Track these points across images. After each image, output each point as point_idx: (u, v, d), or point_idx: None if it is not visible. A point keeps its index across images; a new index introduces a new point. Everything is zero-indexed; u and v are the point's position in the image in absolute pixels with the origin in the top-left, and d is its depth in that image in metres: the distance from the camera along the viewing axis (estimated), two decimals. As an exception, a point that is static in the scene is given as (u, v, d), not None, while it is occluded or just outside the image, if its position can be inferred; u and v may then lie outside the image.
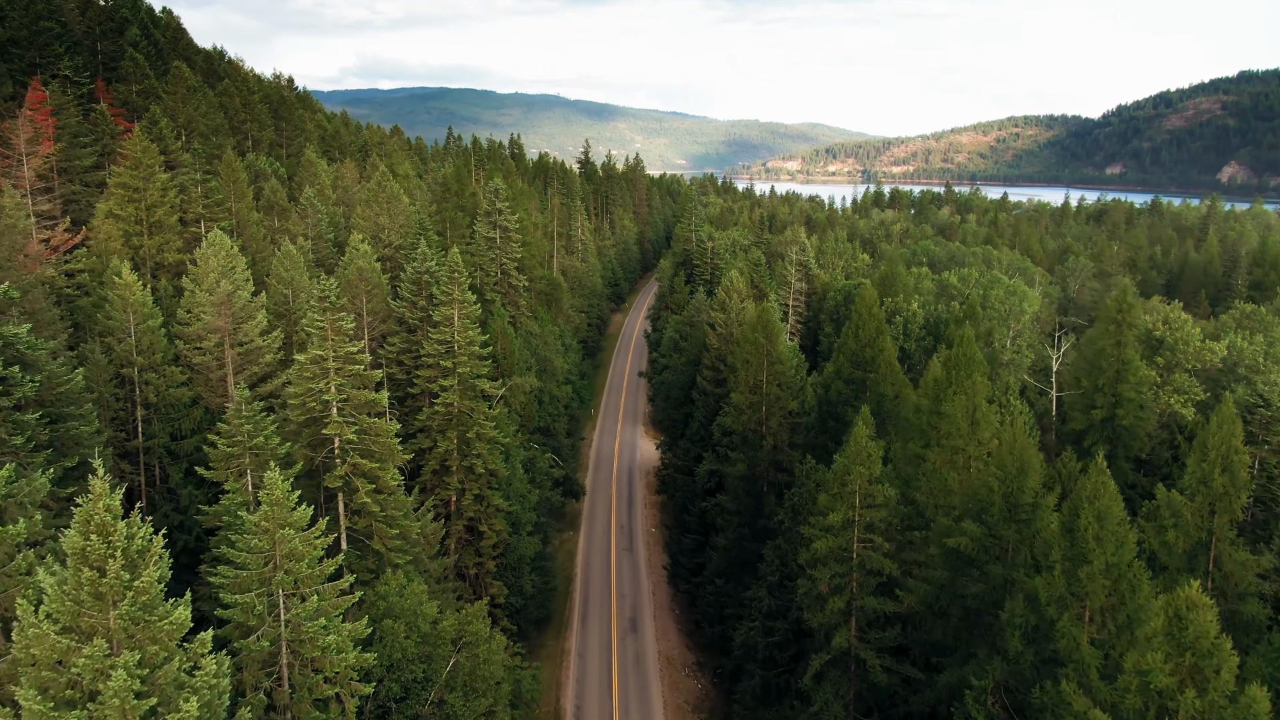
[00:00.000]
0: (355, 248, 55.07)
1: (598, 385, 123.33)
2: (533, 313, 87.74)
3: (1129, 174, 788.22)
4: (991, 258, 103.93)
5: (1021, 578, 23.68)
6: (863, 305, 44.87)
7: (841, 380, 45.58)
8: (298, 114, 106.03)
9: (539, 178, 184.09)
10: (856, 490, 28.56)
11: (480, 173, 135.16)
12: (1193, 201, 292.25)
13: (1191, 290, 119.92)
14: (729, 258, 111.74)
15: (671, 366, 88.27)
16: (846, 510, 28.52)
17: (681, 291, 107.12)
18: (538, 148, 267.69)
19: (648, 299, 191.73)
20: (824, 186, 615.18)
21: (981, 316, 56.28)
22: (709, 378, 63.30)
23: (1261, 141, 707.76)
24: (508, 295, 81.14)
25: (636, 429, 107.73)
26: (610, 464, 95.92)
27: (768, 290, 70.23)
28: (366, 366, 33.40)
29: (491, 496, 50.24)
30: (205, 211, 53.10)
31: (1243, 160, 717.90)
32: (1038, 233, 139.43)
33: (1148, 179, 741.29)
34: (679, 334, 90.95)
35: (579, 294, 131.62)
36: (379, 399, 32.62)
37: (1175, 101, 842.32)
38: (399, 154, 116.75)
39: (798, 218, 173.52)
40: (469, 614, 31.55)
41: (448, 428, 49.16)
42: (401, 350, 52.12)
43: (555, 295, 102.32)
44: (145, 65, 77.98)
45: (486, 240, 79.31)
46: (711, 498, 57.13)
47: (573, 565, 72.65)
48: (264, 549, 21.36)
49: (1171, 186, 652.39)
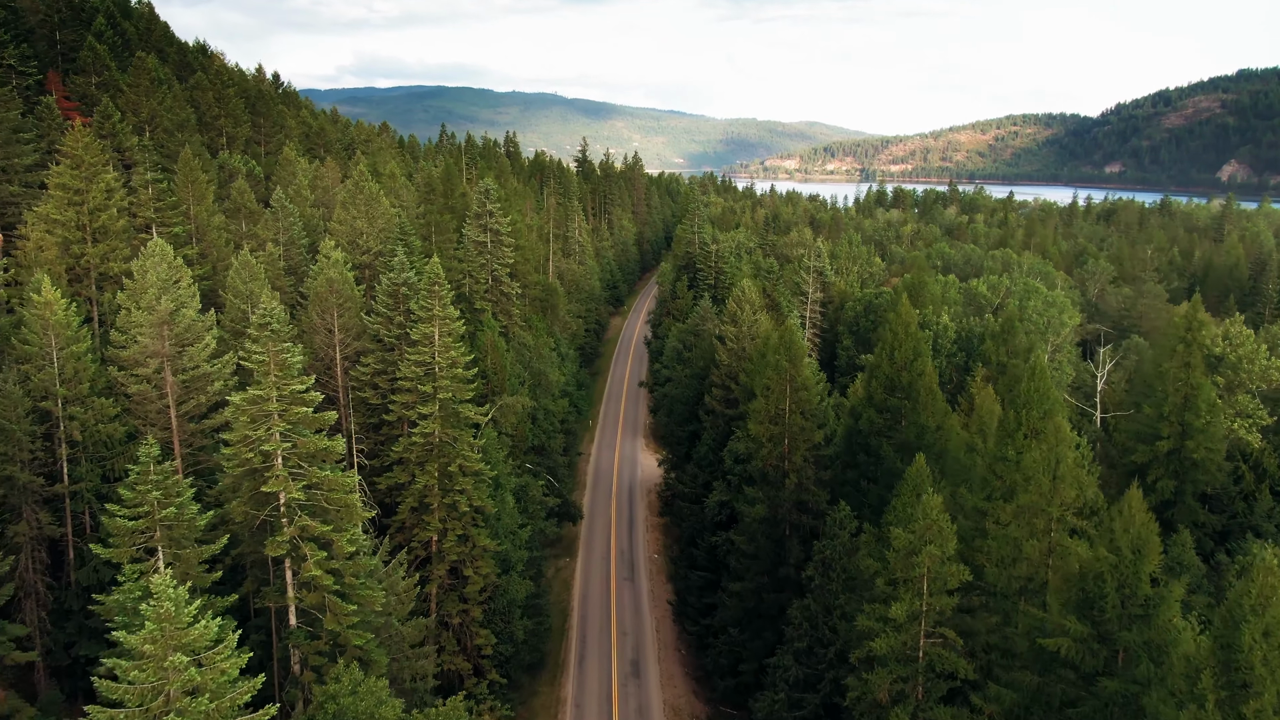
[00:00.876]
0: (326, 255, 49.33)
1: (596, 394, 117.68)
2: (526, 322, 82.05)
3: (1128, 173, 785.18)
4: (1011, 261, 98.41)
5: (1155, 705, 18.03)
6: (899, 323, 39.22)
7: (874, 408, 39.94)
8: (277, 109, 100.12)
9: (535, 177, 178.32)
10: (925, 574, 22.97)
11: (472, 172, 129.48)
12: (1199, 200, 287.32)
13: (1218, 295, 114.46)
14: (734, 261, 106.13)
15: (675, 379, 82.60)
16: (912, 599, 22.95)
17: (684, 297, 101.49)
18: (535, 146, 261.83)
19: (647, 301, 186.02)
20: (822, 185, 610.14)
21: (1019, 330, 50.75)
22: (719, 397, 57.68)
23: (1261, 140, 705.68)
24: (499, 304, 75.42)
25: (637, 442, 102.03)
26: (609, 481, 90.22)
27: (781, 300, 64.70)
28: (318, 406, 27.67)
29: (477, 536, 44.56)
30: (156, 216, 47.33)
31: (1242, 159, 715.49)
32: (1052, 234, 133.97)
33: (1147, 178, 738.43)
34: (683, 343, 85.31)
35: (576, 298, 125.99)
36: (332, 447, 26.94)
37: (1174, 100, 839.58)
38: (386, 152, 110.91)
39: (802, 218, 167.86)
40: (442, 715, 25.84)
41: (428, 460, 43.47)
42: (376, 372, 46.41)
43: (551, 301, 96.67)
44: (106, 56, 72.07)
45: (476, 245, 73.55)
46: (723, 531, 51.52)
47: (569, 597, 66.96)
48: (149, 682, 15.77)
49: (1171, 185, 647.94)
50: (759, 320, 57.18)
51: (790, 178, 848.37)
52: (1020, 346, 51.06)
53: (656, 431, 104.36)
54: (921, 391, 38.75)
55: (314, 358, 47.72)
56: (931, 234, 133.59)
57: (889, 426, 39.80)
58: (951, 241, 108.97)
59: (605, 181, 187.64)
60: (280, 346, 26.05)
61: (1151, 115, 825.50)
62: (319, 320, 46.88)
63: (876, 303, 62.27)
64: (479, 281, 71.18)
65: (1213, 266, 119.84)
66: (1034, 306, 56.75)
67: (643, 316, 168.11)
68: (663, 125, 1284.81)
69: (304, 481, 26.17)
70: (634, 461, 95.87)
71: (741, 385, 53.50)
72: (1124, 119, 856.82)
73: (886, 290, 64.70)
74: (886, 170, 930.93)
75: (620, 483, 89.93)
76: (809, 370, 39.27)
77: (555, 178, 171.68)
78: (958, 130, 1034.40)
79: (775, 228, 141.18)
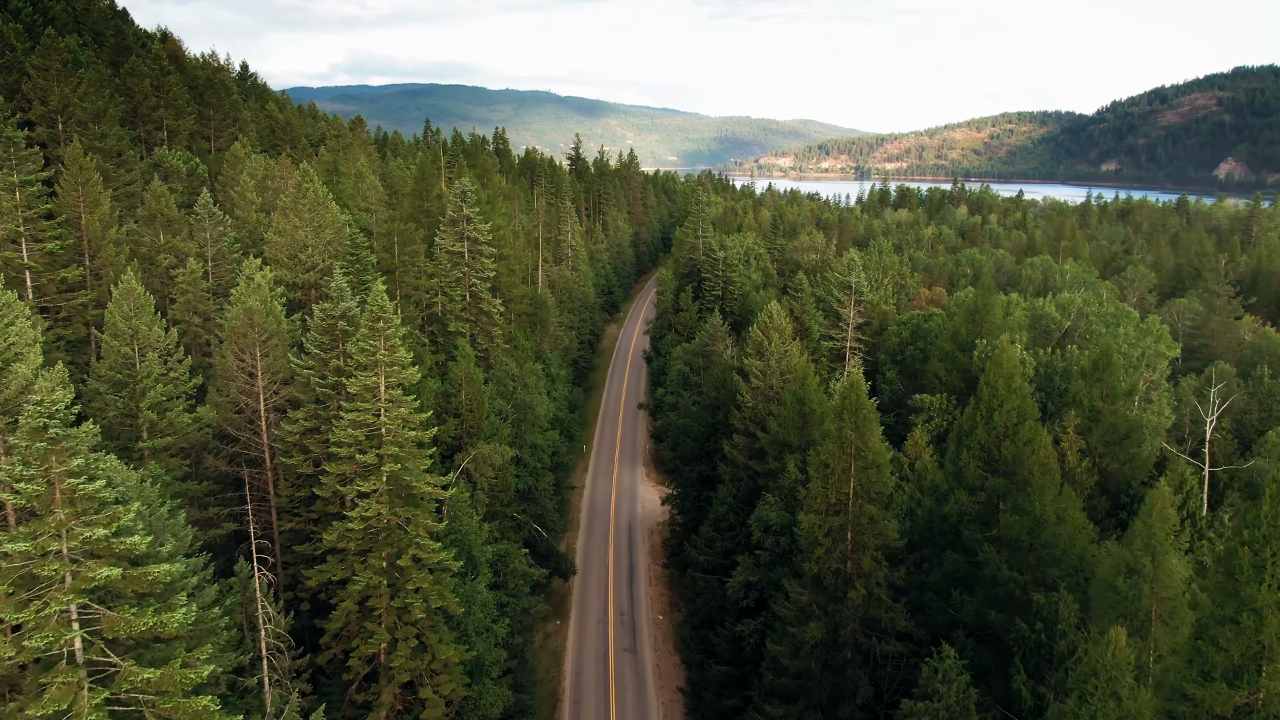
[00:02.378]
0: (249, 277, 38.78)
1: (590, 414, 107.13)
2: (510, 341, 71.54)
3: (1125, 171, 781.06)
4: (1050, 270, 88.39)
5: None
6: (999, 376, 29.01)
7: (964, 488, 29.75)
8: (230, 100, 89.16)
9: (525, 176, 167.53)
10: None
11: (453, 171, 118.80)
12: (1206, 199, 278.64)
13: (1271, 304, 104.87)
14: (742, 268, 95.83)
15: (681, 407, 72.13)
16: None
17: (688, 310, 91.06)
18: (529, 144, 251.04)
19: (644, 306, 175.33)
20: (817, 183, 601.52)
21: (1117, 366, 40.66)
22: (741, 445, 47.35)
23: (1259, 138, 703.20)
24: (478, 323, 64.92)
25: (636, 470, 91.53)
26: (606, 519, 79.83)
27: (813, 325, 54.16)
28: (147, 549, 17.13)
29: (438, 646, 34.14)
30: (24, 230, 36.58)
31: (1240, 156, 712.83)
32: (1080, 236, 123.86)
33: (1144, 176, 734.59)
34: (689, 365, 74.92)
35: (569, 307, 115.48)
36: (173, 619, 16.47)
37: (1170, 97, 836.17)
38: (357, 149, 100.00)
39: (808, 219, 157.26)
40: None
41: (371, 551, 33.07)
42: (306, 430, 35.87)
43: (540, 315, 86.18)
44: (13, 36, 61.20)
45: (451, 256, 63.00)
46: (749, 619, 41.29)
47: (559, 675, 56.55)
48: None
49: (1168, 183, 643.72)
50: (789, 352, 46.83)
51: (785, 176, 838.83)
52: (1119, 388, 40.91)
53: (658, 458, 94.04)
54: (1033, 470, 28.52)
55: (232, 408, 37.25)
56: (950, 238, 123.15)
57: (985, 514, 29.53)
58: (984, 249, 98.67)
59: (599, 180, 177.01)
60: (74, 464, 15.61)
61: (1148, 113, 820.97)
62: (236, 363, 36.33)
63: (926, 327, 51.90)
64: (454, 299, 60.69)
65: (1260, 273, 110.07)
66: (1125, 335, 46.61)
67: (640, 323, 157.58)
68: (656, 123, 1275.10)
69: (105, 695, 15.62)
70: (633, 494, 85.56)
71: (771, 435, 43.19)
72: (1120, 116, 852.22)
73: (937, 312, 54.39)
74: (881, 168, 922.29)
75: (618, 521, 79.61)
76: (879, 441, 29.03)
77: (547, 176, 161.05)
78: (953, 128, 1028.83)
79: (782, 230, 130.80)
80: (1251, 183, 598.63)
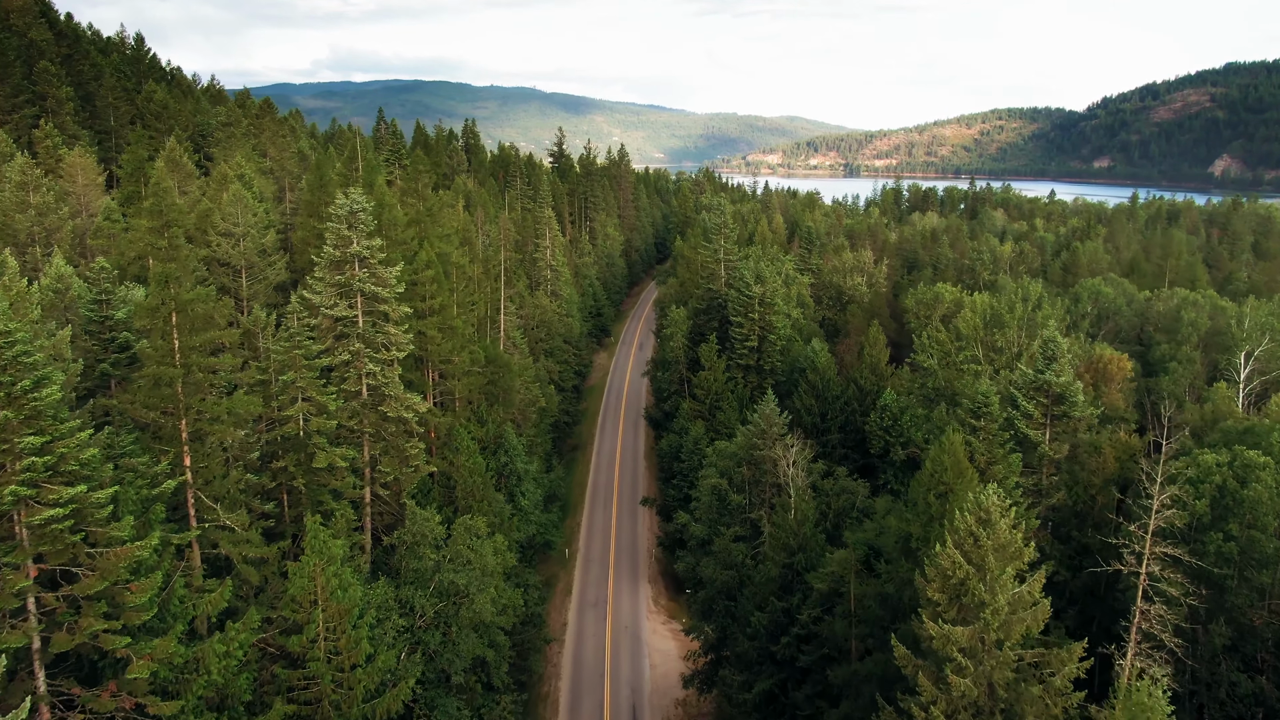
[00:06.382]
0: None
1: (574, 497, 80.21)
2: (449, 459, 44.87)
3: (1118, 168, 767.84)
4: (1223, 312, 63.06)
5: None
6: None
7: None
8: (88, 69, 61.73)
9: (498, 175, 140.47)
10: None
11: (395, 171, 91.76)
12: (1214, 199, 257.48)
13: None
14: (783, 306, 69.68)
15: (719, 553, 45.52)
16: None
17: (714, 370, 64.50)
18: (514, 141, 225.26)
19: (639, 326, 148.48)
20: (806, 180, 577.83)
21: None
22: None
23: (1254, 134, 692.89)
24: (384, 442, 38.21)
25: (639, 596, 64.60)
26: (599, 694, 53.21)
27: (998, 468, 28.17)
28: None
29: None
30: None
31: (1235, 153, 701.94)
32: (1186, 250, 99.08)
33: (1137, 172, 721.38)
34: (730, 480, 48.42)
35: (547, 347, 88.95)
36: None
37: (1162, 94, 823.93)
38: (244, 141, 72.28)
39: (836, 228, 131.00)
40: None
41: None
42: None
43: (499, 381, 59.35)
44: None
45: (332, 326, 36.36)
46: None
47: None
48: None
49: (1163, 180, 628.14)
50: (1005, 580, 20.67)
51: (773, 173, 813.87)
52: None
53: (668, 574, 67.45)
54: None
55: None
56: (1032, 256, 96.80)
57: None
58: (1106, 277, 73.05)
59: (586, 180, 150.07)
60: None
61: (1139, 109, 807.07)
62: None
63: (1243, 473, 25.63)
64: (327, 407, 33.88)
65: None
66: None
67: (634, 349, 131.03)
68: (643, 120, 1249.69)
69: None
70: (637, 640, 58.89)
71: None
72: (1111, 113, 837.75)
73: (1255, 459, 27.65)
74: (871, 165, 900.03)
75: (617, 698, 53.08)
76: None
77: (523, 177, 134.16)
78: (942, 124, 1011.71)
79: (815, 244, 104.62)
80: (1248, 180, 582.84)
